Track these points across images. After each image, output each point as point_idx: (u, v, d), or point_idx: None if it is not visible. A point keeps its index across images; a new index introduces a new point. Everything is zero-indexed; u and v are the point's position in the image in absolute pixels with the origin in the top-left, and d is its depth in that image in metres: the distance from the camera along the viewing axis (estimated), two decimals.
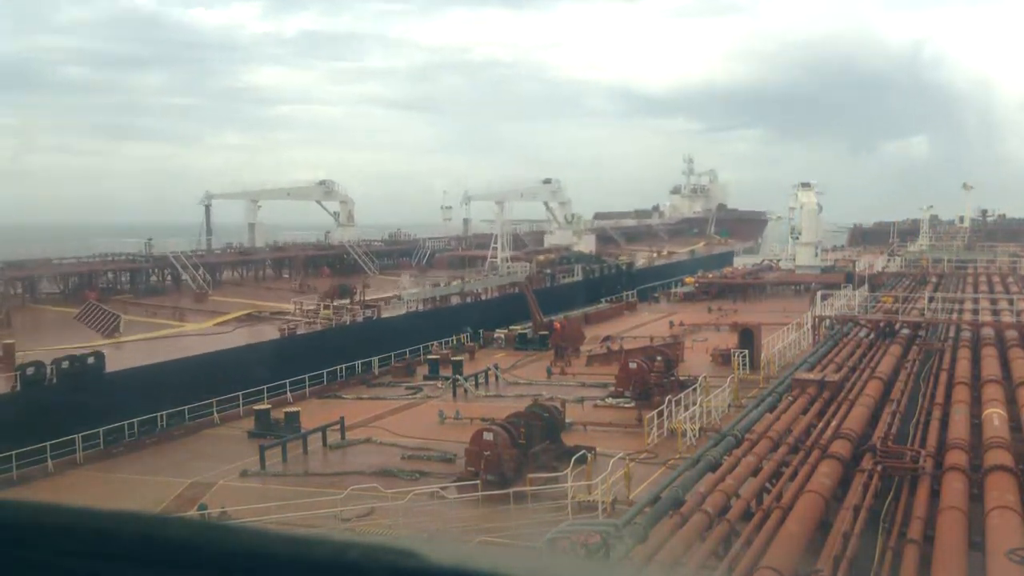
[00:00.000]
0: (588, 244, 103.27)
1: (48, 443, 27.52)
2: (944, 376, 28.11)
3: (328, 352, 42.41)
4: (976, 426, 21.57)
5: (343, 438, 30.00)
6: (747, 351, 38.08)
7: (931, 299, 41.19)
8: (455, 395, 37.00)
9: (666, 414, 28.26)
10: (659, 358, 35.12)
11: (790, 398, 26.19)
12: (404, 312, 56.77)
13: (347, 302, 54.80)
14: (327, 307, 53.13)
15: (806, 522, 15.75)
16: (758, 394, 29.18)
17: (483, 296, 65.78)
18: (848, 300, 46.90)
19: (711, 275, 79.58)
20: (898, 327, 38.23)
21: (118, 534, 1.34)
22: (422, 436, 29.81)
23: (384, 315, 54.62)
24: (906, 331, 37.68)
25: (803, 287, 68.86)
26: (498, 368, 40.75)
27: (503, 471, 23.10)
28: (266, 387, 36.11)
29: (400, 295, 60.28)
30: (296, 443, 28.80)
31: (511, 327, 51.81)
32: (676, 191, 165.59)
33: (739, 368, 36.17)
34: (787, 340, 40.67)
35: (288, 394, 36.99)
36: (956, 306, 42.69)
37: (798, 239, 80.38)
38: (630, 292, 71.70)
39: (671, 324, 54.01)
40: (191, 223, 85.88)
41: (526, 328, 50.60)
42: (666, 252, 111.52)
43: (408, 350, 46.20)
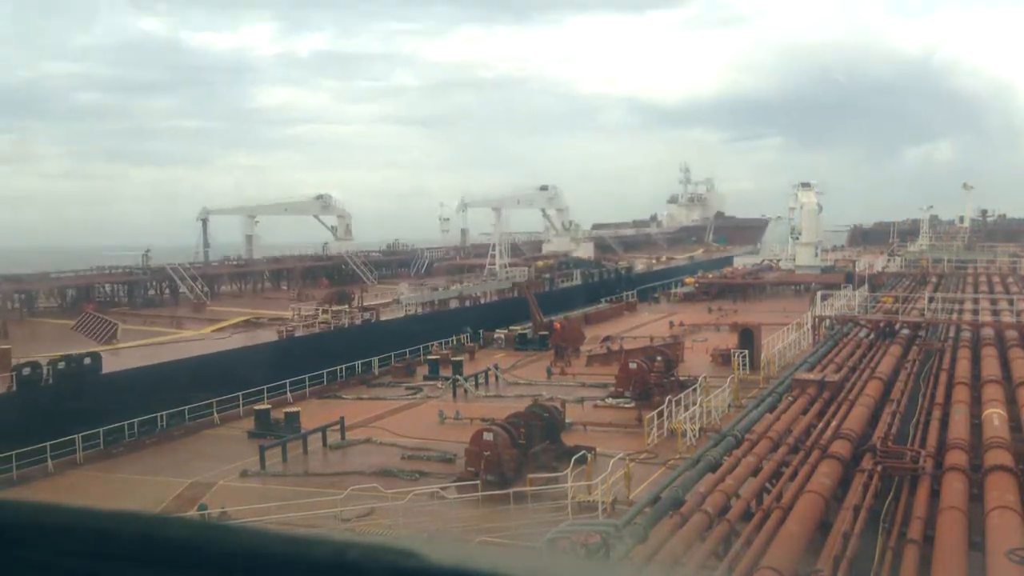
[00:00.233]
0: (586, 251, 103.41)
1: (48, 443, 27.53)
2: (944, 376, 28.09)
3: (326, 354, 42.40)
4: (976, 426, 21.55)
5: (343, 438, 30.01)
6: (747, 351, 38.12)
7: (931, 299, 41.17)
8: (455, 395, 37.01)
9: (666, 414, 28.27)
10: (659, 358, 35.14)
11: (790, 398, 26.17)
12: (403, 315, 56.78)
13: (345, 307, 54.86)
14: (325, 312, 53.16)
15: (806, 522, 15.74)
16: (758, 394, 29.17)
17: (482, 300, 65.78)
18: (848, 300, 46.90)
19: (711, 275, 79.66)
20: (898, 327, 38.22)
21: (118, 534, 1.34)
22: (422, 436, 29.83)
23: (382, 318, 54.63)
24: (906, 331, 37.66)
25: (803, 287, 68.91)
26: (498, 368, 40.77)
27: (503, 471, 23.10)
28: (266, 387, 36.14)
29: (399, 298, 60.38)
30: (296, 443, 28.82)
31: (511, 327, 51.86)
32: (673, 200, 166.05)
33: (739, 368, 36.20)
34: (787, 340, 40.69)
35: (288, 394, 37.01)
36: (956, 306, 42.66)
37: (798, 239, 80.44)
38: (630, 292, 71.76)
39: (671, 324, 54.07)
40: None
41: (526, 328, 50.63)
42: (664, 259, 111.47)
43: (408, 350, 46.23)
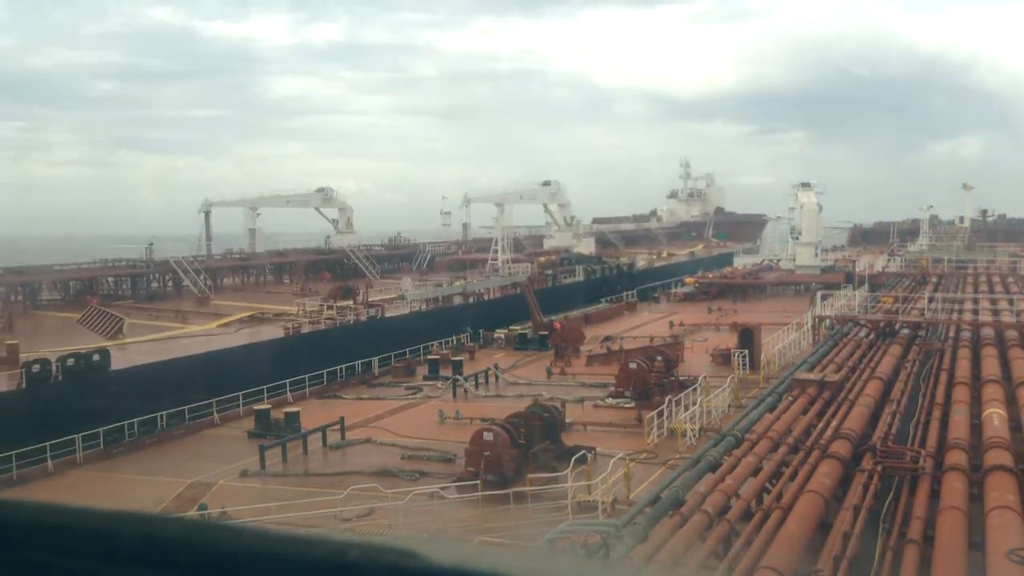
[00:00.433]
0: (588, 247, 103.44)
1: (48, 443, 27.55)
2: (944, 376, 28.09)
3: (333, 351, 42.56)
4: (976, 426, 21.56)
5: (343, 438, 30.01)
6: (747, 351, 38.10)
7: (931, 299, 41.15)
8: (455, 395, 37.02)
9: (666, 414, 28.26)
10: (659, 358, 35.12)
11: (790, 398, 26.16)
12: (408, 312, 57.04)
13: (350, 303, 55.00)
14: (330, 307, 53.30)
15: (806, 522, 15.74)
16: (758, 394, 29.17)
17: (485, 296, 65.95)
18: (848, 300, 46.89)
19: (711, 275, 79.66)
20: (898, 327, 38.21)
21: (118, 534, 1.34)
22: (422, 436, 29.82)
23: (388, 315, 54.81)
24: (906, 331, 37.67)
25: (803, 287, 68.86)
26: (498, 368, 40.77)
27: (503, 471, 23.10)
28: (266, 387, 36.18)
29: (403, 295, 60.51)
30: (296, 443, 28.82)
31: (511, 327, 51.89)
32: (673, 195, 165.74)
33: (739, 368, 36.18)
34: (787, 340, 40.68)
35: (288, 394, 37.02)
36: (956, 306, 42.67)
37: (798, 239, 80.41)
38: (630, 292, 71.82)
39: (671, 324, 54.05)
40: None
41: (526, 328, 50.64)
42: (665, 254, 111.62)
43: (408, 350, 46.28)
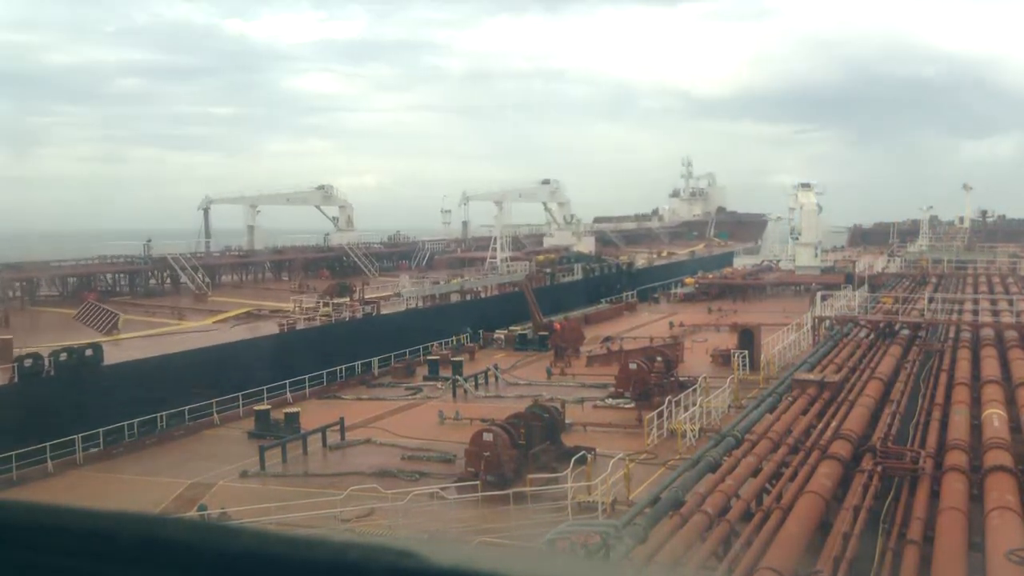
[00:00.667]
0: (587, 245, 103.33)
1: (48, 443, 27.53)
2: (944, 377, 28.10)
3: (328, 348, 42.44)
4: (976, 427, 21.57)
5: (343, 439, 29.99)
6: (747, 351, 38.10)
7: (931, 300, 41.15)
8: (455, 395, 37.00)
9: (666, 415, 28.26)
10: (659, 359, 35.13)
11: (790, 399, 26.17)
12: (404, 309, 56.81)
13: (346, 300, 54.88)
14: (326, 304, 53.18)
15: (806, 523, 15.75)
16: (758, 395, 29.18)
17: (483, 294, 65.83)
18: (848, 301, 46.89)
19: (711, 276, 79.67)
20: (898, 328, 38.22)
21: (118, 534, 1.34)
22: (422, 436, 29.81)
23: (384, 312, 54.66)
24: (906, 332, 37.68)
25: (803, 288, 68.86)
26: (498, 368, 40.76)
27: (503, 471, 23.10)
28: (266, 387, 36.15)
29: (400, 292, 60.35)
30: (296, 444, 28.80)
31: (511, 328, 51.86)
32: (675, 194, 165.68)
33: (739, 369, 36.17)
34: (787, 341, 40.68)
35: (288, 394, 36.99)
36: (956, 307, 42.68)
37: (798, 240, 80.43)
38: (630, 292, 71.78)
39: (671, 325, 54.05)
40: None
41: (526, 328, 50.62)
42: (665, 253, 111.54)
43: (408, 350, 46.24)
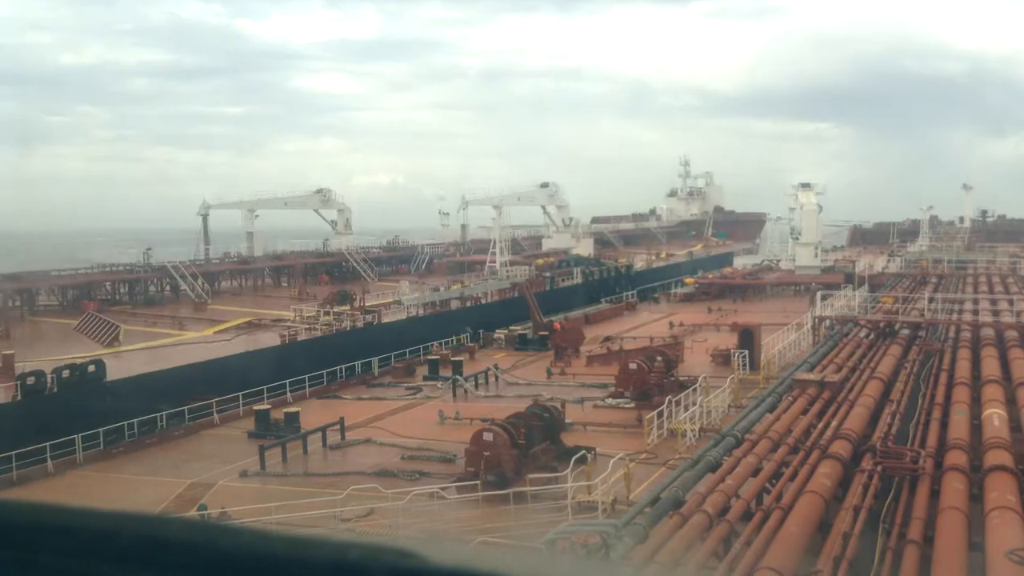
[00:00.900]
0: (586, 248, 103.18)
1: (48, 444, 27.50)
2: (944, 376, 28.07)
3: (328, 358, 42.27)
4: (976, 426, 21.55)
5: (343, 438, 30.00)
6: (747, 351, 38.11)
7: (931, 299, 41.15)
8: (455, 395, 37.01)
9: (666, 414, 28.27)
10: (659, 358, 35.13)
11: (790, 398, 26.15)
12: (404, 317, 56.67)
13: (347, 308, 54.78)
14: (327, 313, 53.09)
15: (806, 523, 15.74)
16: (758, 394, 29.17)
17: (483, 300, 65.74)
18: (848, 300, 46.91)
19: (711, 276, 79.65)
20: (898, 327, 38.20)
21: (118, 534, 1.34)
22: (422, 436, 29.82)
23: (384, 320, 54.57)
24: (906, 331, 37.65)
25: (803, 287, 68.86)
26: (498, 368, 40.77)
27: (503, 471, 23.10)
28: (266, 388, 36.15)
29: (400, 300, 60.21)
30: (296, 443, 28.81)
31: (511, 327, 51.82)
32: (672, 194, 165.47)
33: (739, 368, 36.18)
34: (787, 340, 40.68)
35: (288, 394, 37.00)
36: (956, 306, 42.67)
37: (798, 239, 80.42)
38: (630, 292, 71.74)
39: (671, 324, 54.04)
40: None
41: (526, 329, 50.60)
42: (664, 254, 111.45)
43: (408, 351, 46.21)
